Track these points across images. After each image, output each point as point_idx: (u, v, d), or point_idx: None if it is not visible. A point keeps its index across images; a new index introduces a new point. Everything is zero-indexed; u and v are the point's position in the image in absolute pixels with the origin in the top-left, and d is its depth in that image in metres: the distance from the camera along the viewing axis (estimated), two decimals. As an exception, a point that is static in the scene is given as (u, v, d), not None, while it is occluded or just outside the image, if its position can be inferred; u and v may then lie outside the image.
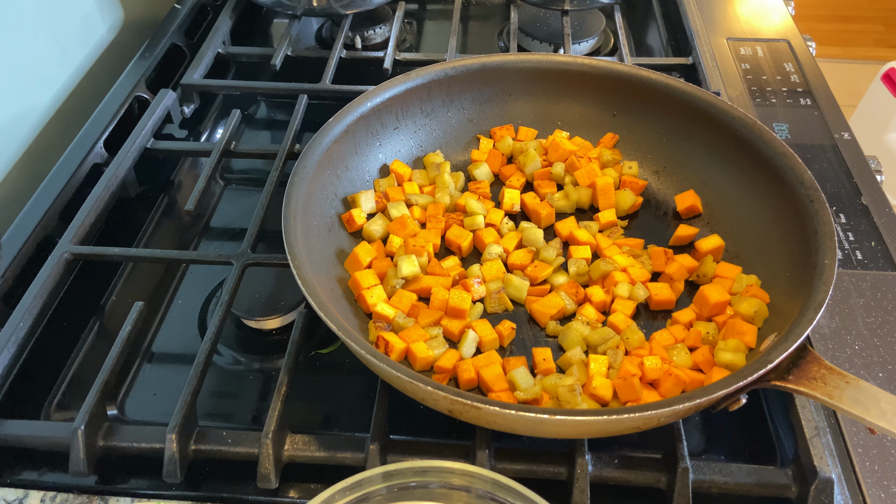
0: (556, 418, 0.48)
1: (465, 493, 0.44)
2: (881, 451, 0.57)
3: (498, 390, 0.58)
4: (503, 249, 0.70)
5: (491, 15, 1.17)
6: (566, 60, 0.79)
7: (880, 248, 0.72)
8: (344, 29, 0.99)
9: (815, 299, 0.55)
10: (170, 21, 1.03)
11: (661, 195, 0.77)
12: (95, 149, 0.81)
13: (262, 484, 0.54)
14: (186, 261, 0.72)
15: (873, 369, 0.63)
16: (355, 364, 0.65)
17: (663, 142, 0.77)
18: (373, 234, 0.70)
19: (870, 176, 0.80)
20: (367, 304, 0.64)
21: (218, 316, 0.62)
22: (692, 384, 0.58)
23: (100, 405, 0.56)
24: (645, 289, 0.66)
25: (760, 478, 0.54)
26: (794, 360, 0.52)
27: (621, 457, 0.55)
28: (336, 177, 0.71)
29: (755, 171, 0.69)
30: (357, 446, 0.55)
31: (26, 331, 0.62)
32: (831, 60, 2.76)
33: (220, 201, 0.84)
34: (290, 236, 0.59)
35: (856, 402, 0.49)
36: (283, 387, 0.57)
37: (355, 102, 0.72)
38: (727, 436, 0.61)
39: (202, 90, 0.92)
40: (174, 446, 0.54)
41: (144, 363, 0.67)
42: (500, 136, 0.80)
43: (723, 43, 1.01)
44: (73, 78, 0.93)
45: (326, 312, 0.53)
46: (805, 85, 0.93)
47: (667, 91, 0.75)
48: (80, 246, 0.69)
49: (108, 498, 0.55)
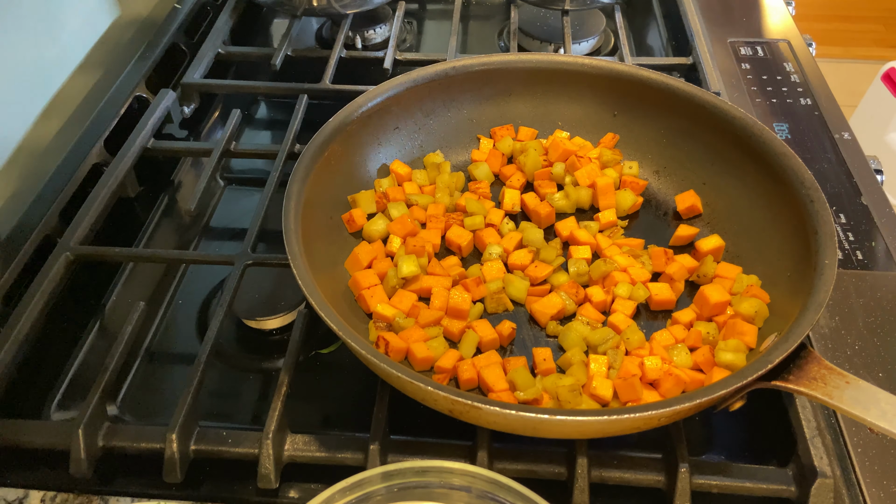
0: (556, 418, 0.48)
1: (465, 493, 0.44)
2: (881, 451, 0.57)
3: (498, 390, 0.58)
4: (503, 249, 0.70)
5: (491, 15, 1.17)
6: (566, 60, 0.79)
7: (880, 248, 0.72)
8: (344, 29, 0.99)
9: (815, 299, 0.55)
10: (170, 21, 1.03)
11: (662, 195, 0.76)
12: (96, 149, 0.81)
13: (263, 484, 0.54)
14: (186, 261, 0.72)
15: (873, 369, 0.62)
16: (355, 364, 0.64)
17: (663, 142, 0.77)
18: (373, 234, 0.70)
19: (870, 176, 0.80)
20: (367, 304, 0.64)
21: (218, 316, 0.62)
22: (692, 384, 0.58)
23: (100, 405, 0.56)
24: (645, 289, 0.66)
25: (760, 478, 0.54)
26: (794, 360, 0.52)
27: (621, 457, 0.55)
28: (336, 177, 0.71)
29: (755, 171, 0.69)
30: (357, 446, 0.55)
31: (26, 331, 0.62)
32: (831, 60, 2.76)
33: (221, 201, 0.84)
34: (290, 236, 0.59)
35: (856, 403, 0.49)
36: (284, 387, 0.57)
37: (355, 102, 0.72)
38: (727, 436, 0.61)
39: (202, 90, 0.92)
40: (174, 446, 0.54)
41: (145, 363, 0.67)
42: (500, 136, 0.80)
43: (723, 43, 1.01)
44: (74, 78, 0.93)
45: (326, 312, 0.53)
46: (805, 85, 0.93)
47: (667, 91, 0.75)
48: (81, 246, 0.69)
49: (108, 498, 0.55)
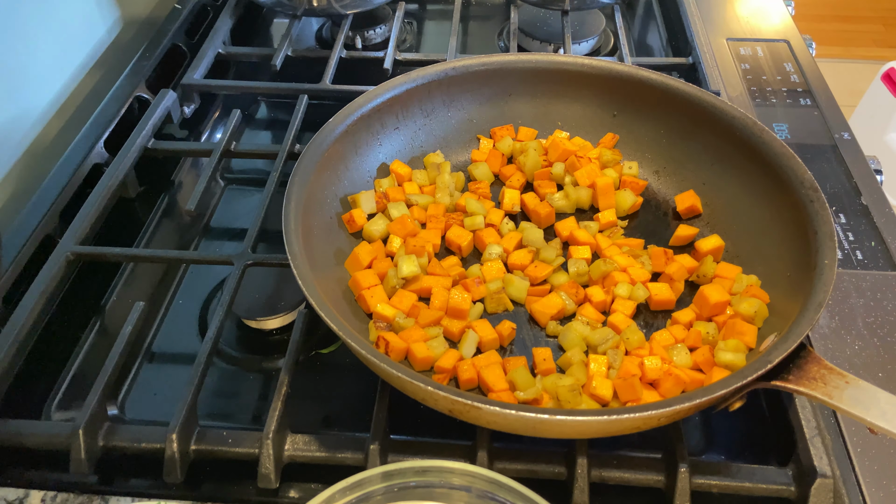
0: (556, 418, 0.48)
1: (465, 493, 0.44)
2: (881, 451, 0.57)
3: (498, 390, 0.58)
4: (503, 249, 0.70)
5: (491, 15, 1.17)
6: (566, 60, 0.79)
7: (880, 248, 0.72)
8: (344, 29, 0.99)
9: (815, 299, 0.55)
10: (170, 21, 1.03)
11: (661, 195, 0.76)
12: (95, 149, 0.81)
13: (263, 484, 0.54)
14: (187, 261, 0.72)
15: (873, 369, 0.62)
16: (355, 364, 0.65)
17: (663, 142, 0.77)
18: (373, 234, 0.70)
19: (870, 176, 0.80)
20: (368, 304, 0.64)
21: (218, 316, 0.62)
22: (692, 384, 0.58)
23: (100, 405, 0.56)
24: (645, 289, 0.66)
25: (760, 478, 0.54)
26: (794, 360, 0.52)
27: (621, 457, 0.55)
28: (336, 177, 0.71)
29: (755, 171, 0.69)
30: (357, 446, 0.55)
31: (26, 331, 0.62)
32: (831, 60, 2.76)
33: (221, 201, 0.84)
34: (290, 236, 0.59)
35: (856, 403, 0.49)
36: (284, 387, 0.57)
37: (355, 102, 0.72)
38: (727, 436, 0.61)
39: (202, 90, 0.93)
40: (174, 446, 0.54)
41: (144, 363, 0.67)
42: (500, 136, 0.80)
43: (723, 43, 1.01)
44: (73, 78, 0.93)
45: (326, 312, 0.53)
46: (805, 85, 0.93)
47: (667, 91, 0.75)
48: (81, 246, 0.69)
49: (108, 498, 0.55)
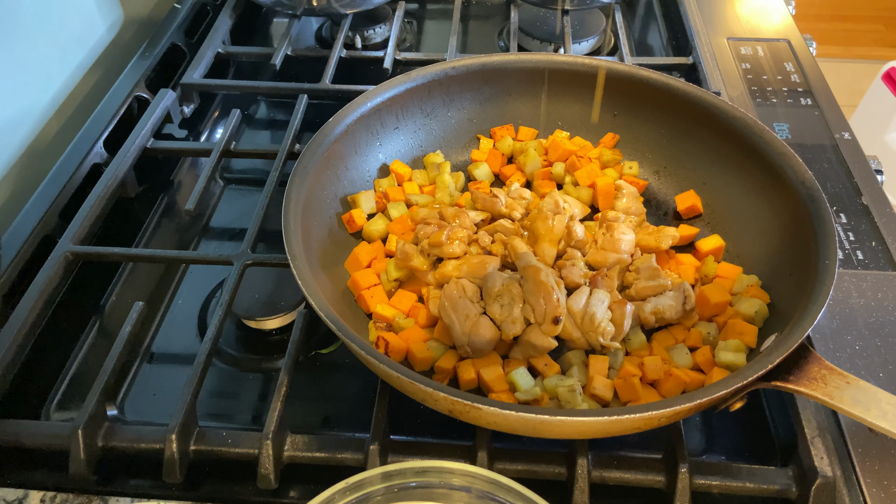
0: (556, 419, 0.48)
1: (465, 493, 0.44)
2: (881, 451, 0.57)
3: (498, 391, 0.58)
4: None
5: (491, 15, 1.17)
6: (566, 60, 0.79)
7: (881, 248, 0.72)
8: (344, 28, 0.99)
9: (815, 299, 0.54)
10: (170, 21, 1.03)
11: (662, 195, 0.76)
12: (95, 149, 0.81)
13: (262, 484, 0.54)
14: (186, 261, 0.72)
15: (874, 369, 0.62)
16: (355, 364, 0.65)
17: (663, 142, 0.77)
18: (373, 234, 0.70)
19: (870, 176, 0.80)
20: (367, 304, 0.64)
21: (218, 316, 0.62)
22: (693, 384, 0.58)
23: (100, 405, 0.56)
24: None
25: (760, 478, 0.54)
26: (795, 360, 0.52)
27: (621, 457, 0.55)
28: (336, 177, 0.71)
29: (756, 171, 0.69)
30: (357, 446, 0.55)
31: (26, 331, 0.62)
32: (831, 60, 2.76)
33: (220, 201, 0.84)
34: (290, 236, 0.59)
35: (856, 403, 0.49)
36: (284, 387, 0.57)
37: (355, 102, 0.72)
38: (727, 436, 0.61)
39: (202, 90, 0.92)
40: (174, 446, 0.54)
41: (144, 363, 0.67)
42: (500, 136, 0.80)
43: (723, 43, 1.01)
44: (73, 78, 0.93)
45: (326, 312, 0.53)
46: (805, 84, 0.93)
47: (667, 91, 0.75)
48: (80, 246, 0.69)
49: (108, 498, 0.55)
